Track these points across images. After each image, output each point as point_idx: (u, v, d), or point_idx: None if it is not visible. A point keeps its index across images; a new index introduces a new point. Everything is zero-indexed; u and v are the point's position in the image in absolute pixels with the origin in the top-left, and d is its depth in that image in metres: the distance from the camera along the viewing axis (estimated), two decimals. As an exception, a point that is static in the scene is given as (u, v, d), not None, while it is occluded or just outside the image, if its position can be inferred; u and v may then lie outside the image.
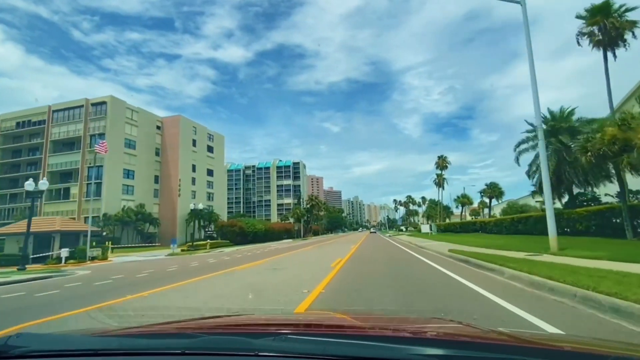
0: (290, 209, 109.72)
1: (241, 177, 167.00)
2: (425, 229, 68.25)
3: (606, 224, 17.26)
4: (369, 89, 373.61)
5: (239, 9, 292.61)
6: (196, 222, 59.58)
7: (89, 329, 2.03)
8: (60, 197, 50.21)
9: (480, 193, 48.21)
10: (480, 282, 7.25)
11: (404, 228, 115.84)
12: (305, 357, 0.98)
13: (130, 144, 53.03)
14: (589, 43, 22.08)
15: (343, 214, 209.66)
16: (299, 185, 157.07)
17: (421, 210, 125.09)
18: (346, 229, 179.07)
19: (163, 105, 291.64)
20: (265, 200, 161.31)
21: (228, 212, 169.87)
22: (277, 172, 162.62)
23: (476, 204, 60.99)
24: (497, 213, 74.06)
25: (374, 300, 5.89)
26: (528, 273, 6.85)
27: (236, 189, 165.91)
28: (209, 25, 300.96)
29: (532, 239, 19.03)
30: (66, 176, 51.39)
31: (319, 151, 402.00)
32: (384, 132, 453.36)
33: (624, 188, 15.57)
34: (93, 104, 51.46)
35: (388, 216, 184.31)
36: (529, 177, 26.61)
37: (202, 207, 57.55)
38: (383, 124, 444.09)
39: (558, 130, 19.89)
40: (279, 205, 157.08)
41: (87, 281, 11.90)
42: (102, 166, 48.77)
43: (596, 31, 21.46)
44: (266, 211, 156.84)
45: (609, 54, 21.63)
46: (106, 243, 24.25)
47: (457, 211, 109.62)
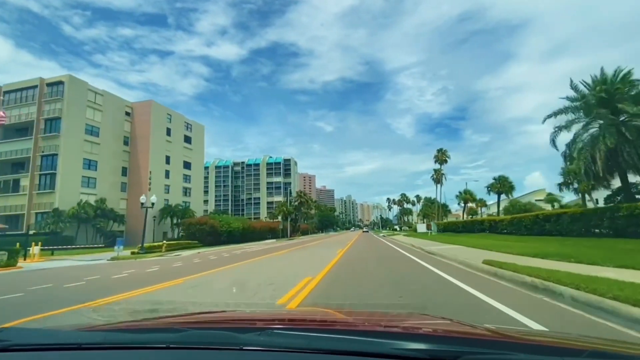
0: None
1: (229, 174, 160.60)
2: (421, 228, 63.28)
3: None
4: (363, 88, 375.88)
5: (233, 6, 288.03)
6: (170, 219, 53.78)
7: (75, 324, 1.82)
8: (10, 189, 43.87)
9: (487, 188, 43.17)
10: None
11: (397, 227, 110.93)
12: (289, 351, 0.99)
13: (93, 131, 46.83)
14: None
15: (335, 213, 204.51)
16: (289, 183, 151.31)
17: (415, 209, 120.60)
18: (338, 228, 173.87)
19: (155, 101, 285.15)
20: (254, 198, 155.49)
21: (215, 209, 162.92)
22: (267, 169, 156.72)
23: (488, 201, 56.21)
24: (494, 213, 70.04)
25: None
26: None
27: (224, 186, 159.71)
28: (202, 22, 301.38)
29: (581, 242, 13.91)
30: (17, 166, 45.02)
31: (312, 150, 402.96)
32: (377, 131, 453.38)
33: None
34: (49, 84, 45.15)
35: (381, 215, 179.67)
36: (566, 162, 21.56)
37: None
38: (376, 123, 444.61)
39: (614, 96, 14.75)
40: (269, 203, 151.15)
41: None
42: (57, 155, 42.65)
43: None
44: (255, 209, 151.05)
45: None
46: (17, 245, 18.47)
47: (455, 210, 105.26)
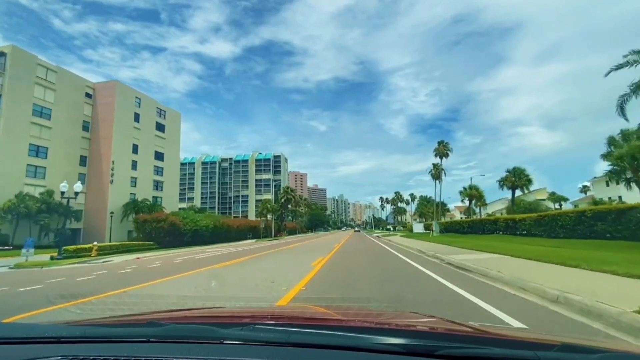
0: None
1: (217, 170, 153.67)
2: (418, 228, 57.95)
3: None
4: (357, 88, 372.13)
5: (227, 3, 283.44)
6: (134, 216, 47.39)
7: (56, 320, 1.81)
8: (-60, 179, 37.08)
9: (500, 182, 37.63)
10: None
11: (391, 227, 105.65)
12: (269, 345, 1.00)
13: (43, 112, 40.23)
14: None
15: (327, 212, 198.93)
16: (279, 180, 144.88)
17: (410, 208, 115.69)
18: (330, 228, 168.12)
19: None
20: (242, 196, 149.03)
21: (201, 207, 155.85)
22: (257, 166, 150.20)
23: (497, 197, 51.04)
24: (496, 212, 64.64)
25: None
26: None
27: (211, 182, 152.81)
28: (196, 19, 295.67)
29: None
30: (-50, 152, 38.23)
31: (305, 149, 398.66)
32: (370, 132, 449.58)
33: None
34: (-12, 56, 38.42)
35: (373, 215, 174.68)
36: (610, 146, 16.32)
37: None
38: (370, 123, 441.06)
39: None
40: (257, 201, 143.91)
41: None
42: (-7, 138, 36.04)
43: None
44: (243, 207, 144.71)
45: None
46: None
47: (453, 210, 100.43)
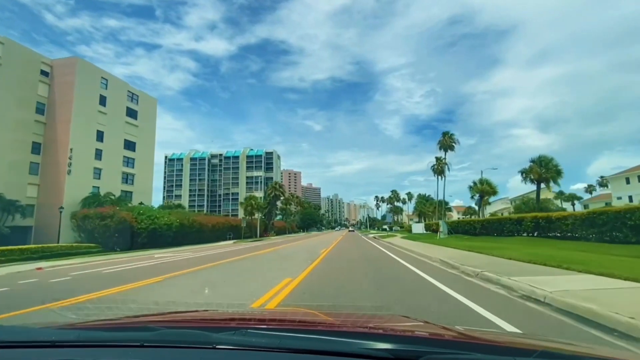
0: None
1: (206, 167, 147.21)
2: (417, 228, 52.82)
3: None
4: (353, 88, 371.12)
5: (223, 0, 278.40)
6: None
7: (50, 322, 1.76)
8: None
9: (522, 173, 32.18)
10: None
11: (387, 227, 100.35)
12: (261, 350, 1.00)
13: (-16, 90, 34.30)
14: None
15: (321, 211, 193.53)
16: (271, 178, 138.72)
17: (406, 207, 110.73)
18: (323, 228, 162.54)
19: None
20: (233, 194, 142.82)
21: (190, 205, 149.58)
22: (248, 162, 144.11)
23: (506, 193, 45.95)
24: (499, 211, 58.98)
25: None
26: None
27: (200, 179, 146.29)
28: (191, 16, 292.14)
29: None
30: None
31: (300, 149, 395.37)
32: (365, 132, 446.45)
33: None
34: None
35: (368, 215, 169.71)
36: None
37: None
38: (365, 124, 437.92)
39: None
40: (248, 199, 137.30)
41: None
42: None
43: None
44: (233, 205, 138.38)
45: None
46: None
47: (453, 209, 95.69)
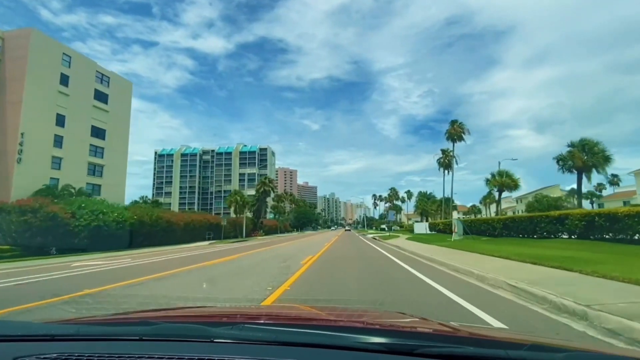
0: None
1: (197, 163, 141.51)
2: (420, 228, 47.94)
3: None
4: (350, 88, 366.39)
5: None
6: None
7: (47, 318, 1.89)
8: None
9: (560, 162, 26.02)
10: None
11: (385, 227, 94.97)
12: (258, 344, 1.03)
13: None
14: None
15: (317, 210, 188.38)
16: (265, 175, 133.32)
17: (405, 206, 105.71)
18: (319, 227, 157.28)
19: (137, 93, 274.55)
20: (225, 191, 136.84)
21: (180, 203, 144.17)
22: (241, 159, 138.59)
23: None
24: (507, 210, 52.59)
25: None
26: None
27: (191, 176, 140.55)
28: (188, 13, 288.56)
29: None
30: None
31: (297, 148, 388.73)
32: (363, 131, 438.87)
33: None
34: None
35: (365, 214, 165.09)
36: None
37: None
38: (362, 123, 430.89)
39: None
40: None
41: None
42: None
43: None
44: (226, 203, 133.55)
45: None
46: None
47: (457, 207, 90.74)
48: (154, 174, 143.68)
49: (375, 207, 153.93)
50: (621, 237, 14.44)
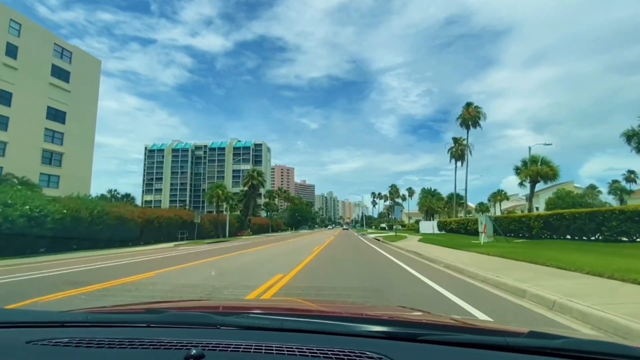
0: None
1: (189, 159, 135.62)
2: (426, 227, 42.49)
3: None
4: (349, 87, 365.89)
5: None
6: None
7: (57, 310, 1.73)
8: None
9: (628, 136, 20.31)
10: None
11: (386, 226, 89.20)
12: (263, 330, 1.06)
13: None
14: None
15: (314, 209, 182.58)
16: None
17: (406, 205, 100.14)
18: (316, 226, 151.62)
19: (135, 91, 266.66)
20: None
21: (171, 201, 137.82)
22: (235, 155, 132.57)
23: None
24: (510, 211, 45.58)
25: None
26: None
27: (182, 173, 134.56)
28: (187, 11, 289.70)
29: None
30: None
31: (296, 147, 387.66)
32: (361, 130, 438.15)
33: None
34: None
35: (363, 213, 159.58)
36: None
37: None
38: (361, 122, 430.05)
39: None
40: (235, 194, 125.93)
41: None
42: None
43: None
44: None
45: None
46: None
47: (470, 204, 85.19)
48: (143, 170, 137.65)
49: (374, 206, 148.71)
50: None
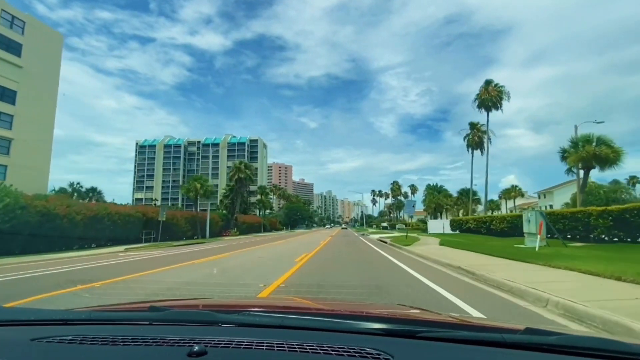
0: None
1: (181, 155, 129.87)
2: (435, 226, 37.29)
3: None
4: (348, 86, 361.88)
5: None
6: None
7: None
8: None
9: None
10: None
11: (387, 225, 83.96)
12: (264, 327, 1.08)
13: None
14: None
15: (311, 207, 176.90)
16: (256, 169, 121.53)
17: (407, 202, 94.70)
18: (314, 225, 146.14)
19: (134, 90, 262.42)
20: (214, 186, 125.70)
21: (163, 199, 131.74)
22: (229, 151, 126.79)
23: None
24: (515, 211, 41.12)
25: None
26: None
27: (174, 169, 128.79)
28: (186, 9, 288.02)
29: None
30: None
31: (295, 146, 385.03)
32: (360, 130, 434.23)
33: None
34: None
35: (362, 212, 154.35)
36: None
37: None
38: (360, 121, 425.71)
39: None
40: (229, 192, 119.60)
41: None
42: None
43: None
44: (212, 199, 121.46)
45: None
46: None
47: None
48: (134, 166, 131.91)
49: (374, 204, 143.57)
50: None
